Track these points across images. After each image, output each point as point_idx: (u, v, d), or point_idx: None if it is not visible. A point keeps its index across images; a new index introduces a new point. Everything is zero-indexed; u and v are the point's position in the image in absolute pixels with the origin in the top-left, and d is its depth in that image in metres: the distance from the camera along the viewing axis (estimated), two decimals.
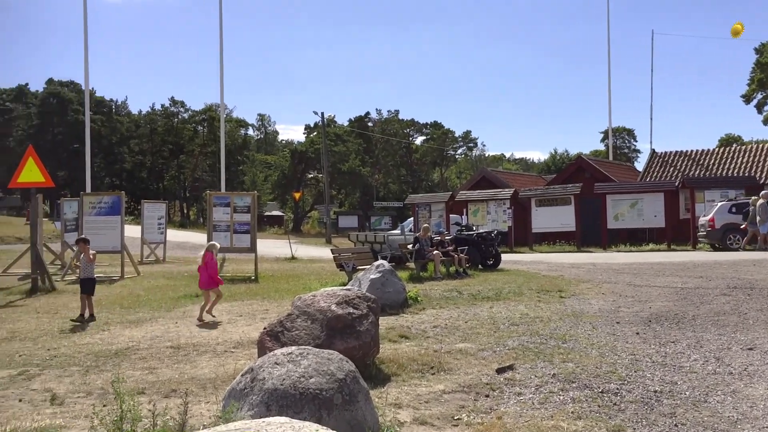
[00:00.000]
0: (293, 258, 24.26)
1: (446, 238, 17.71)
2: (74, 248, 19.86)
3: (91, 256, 11.66)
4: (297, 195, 51.80)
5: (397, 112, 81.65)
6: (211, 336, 9.28)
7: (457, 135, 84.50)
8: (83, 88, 34.79)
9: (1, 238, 31.92)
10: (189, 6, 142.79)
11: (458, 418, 5.39)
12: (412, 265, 17.00)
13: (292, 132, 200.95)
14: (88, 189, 22.86)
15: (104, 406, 5.90)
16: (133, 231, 26.61)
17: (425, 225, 18.31)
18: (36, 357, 8.23)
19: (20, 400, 6.24)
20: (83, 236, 13.06)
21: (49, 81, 72.18)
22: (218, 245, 12.45)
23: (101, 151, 68.74)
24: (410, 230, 23.77)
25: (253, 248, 17.79)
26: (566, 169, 37.20)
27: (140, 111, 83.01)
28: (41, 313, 12.16)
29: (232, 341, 8.86)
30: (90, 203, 18.67)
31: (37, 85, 74.44)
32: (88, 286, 11.32)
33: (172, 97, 79.28)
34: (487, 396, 6.01)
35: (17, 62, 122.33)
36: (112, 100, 79.83)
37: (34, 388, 6.68)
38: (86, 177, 24.12)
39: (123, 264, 17.96)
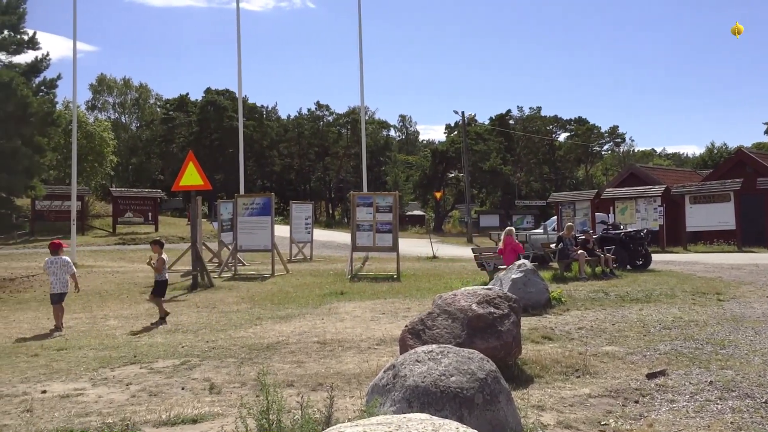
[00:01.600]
0: (434, 257, 24.40)
1: (592, 237, 17.12)
2: (229, 247, 21.13)
3: (164, 259, 11.92)
4: (438, 194, 52.01)
5: (539, 108, 79.84)
6: (355, 333, 9.54)
7: (603, 130, 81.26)
8: (237, 96, 36.80)
9: (166, 238, 34.41)
10: (332, 12, 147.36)
11: (605, 424, 5.20)
12: (555, 264, 16.59)
13: (432, 132, 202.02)
14: (242, 191, 24.16)
15: (257, 396, 6.24)
16: (282, 231, 27.85)
17: (569, 224, 17.81)
18: (196, 348, 8.84)
19: (183, 388, 6.72)
20: (158, 239, 13.30)
21: (207, 90, 77.03)
22: (514, 229, 15.50)
23: (253, 155, 72.50)
24: (553, 229, 23.18)
25: (395, 247, 18.09)
26: (724, 164, 34.81)
27: (288, 116, 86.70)
28: (201, 307, 13.03)
29: (375, 338, 9.07)
30: (243, 204, 19.74)
31: (196, 95, 79.63)
32: (160, 288, 11.72)
33: (318, 102, 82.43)
34: (637, 402, 5.76)
35: (179, 74, 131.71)
36: (263, 107, 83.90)
37: (194, 378, 7.17)
38: (240, 179, 25.52)
39: (273, 262, 18.84)
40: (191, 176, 16.72)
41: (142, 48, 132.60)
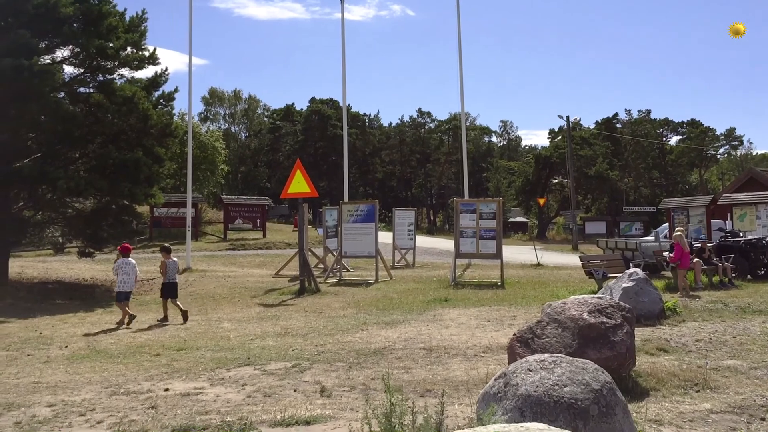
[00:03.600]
0: (539, 265, 23.97)
1: (708, 245, 16.32)
2: (334, 253, 21.56)
3: (172, 262, 13.12)
4: (541, 201, 51.04)
5: (648, 111, 76.98)
6: (461, 340, 9.52)
7: (718, 133, 77.47)
8: (341, 105, 37.50)
9: (273, 244, 35.56)
10: (432, 19, 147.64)
11: None
12: (668, 273, 15.92)
13: (535, 137, 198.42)
14: (346, 198, 24.61)
15: (366, 400, 6.35)
16: (385, 237, 28.17)
17: (677, 230, 17.03)
18: (306, 352, 9.08)
19: (295, 390, 6.93)
20: (166, 245, 14.25)
21: (312, 100, 79.11)
22: (684, 233, 15.36)
23: (356, 163, 73.75)
24: (665, 236, 22.26)
25: (498, 254, 17.92)
26: None
27: (390, 123, 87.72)
28: (308, 312, 13.37)
29: (481, 346, 9.02)
30: (348, 211, 20.11)
31: (301, 104, 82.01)
32: (167, 290, 12.97)
33: (419, 109, 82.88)
34: (763, 419, 5.46)
35: (285, 85, 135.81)
36: (365, 115, 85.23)
37: (305, 380, 7.38)
38: (344, 187, 26.00)
39: (377, 268, 19.08)
40: (299, 184, 17.21)
41: (250, 60, 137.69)
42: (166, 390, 7.12)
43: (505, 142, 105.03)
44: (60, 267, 22.87)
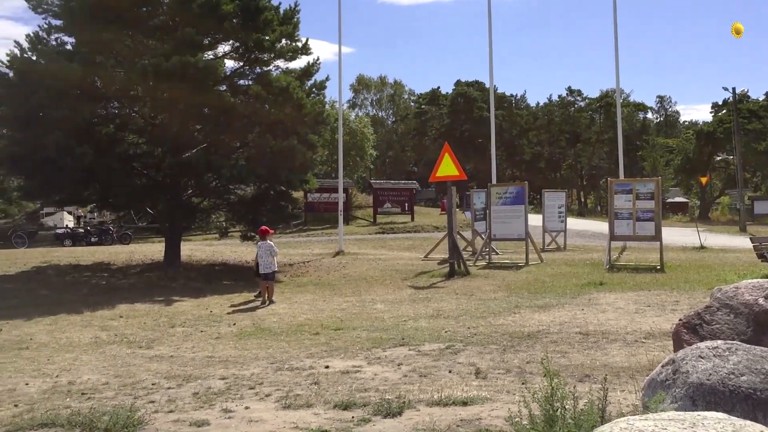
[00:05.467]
0: (702, 247, 22.51)
1: None
2: (483, 236, 21.43)
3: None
4: (704, 179, 47.84)
5: None
6: (619, 325, 9.17)
7: None
8: (487, 86, 37.00)
9: (421, 227, 35.93)
10: None
11: None
12: None
13: (695, 112, 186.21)
14: (494, 180, 24.34)
15: (522, 383, 6.30)
16: (534, 220, 27.59)
17: None
18: (459, 334, 9.13)
19: (450, 371, 6.99)
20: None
21: (457, 83, 78.74)
22: None
23: (502, 144, 72.66)
24: None
25: (657, 236, 17.01)
26: None
27: (537, 103, 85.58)
28: (459, 294, 13.41)
29: (642, 331, 8.64)
30: (497, 194, 19.88)
31: (447, 88, 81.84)
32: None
33: (569, 87, 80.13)
34: None
35: (430, 69, 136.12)
36: (512, 95, 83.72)
37: (460, 362, 7.42)
38: (492, 169, 25.73)
39: (527, 251, 18.75)
40: (447, 167, 17.24)
41: (394, 46, 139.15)
42: (327, 367, 7.43)
43: (661, 119, 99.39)
44: (224, 250, 24.43)
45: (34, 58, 17.03)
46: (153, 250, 24.26)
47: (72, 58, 16.69)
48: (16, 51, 16.94)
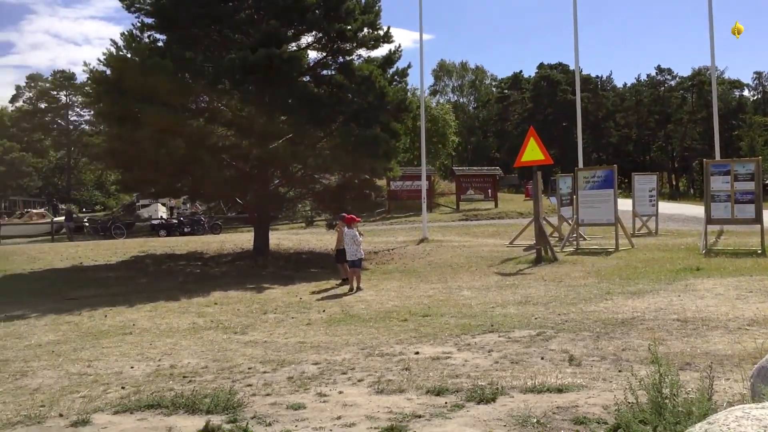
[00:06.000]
0: None
1: None
2: (569, 222, 20.98)
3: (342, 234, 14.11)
4: None
5: None
6: (720, 311, 8.80)
7: None
8: (571, 68, 36.02)
9: (505, 213, 35.52)
10: None
11: None
12: None
13: None
14: (580, 164, 23.75)
15: (619, 371, 6.14)
16: (623, 204, 26.78)
17: None
18: (549, 320, 8.98)
19: (542, 358, 6.89)
20: (342, 214, 15.06)
21: (540, 66, 77.28)
22: None
23: (588, 128, 70.71)
24: None
25: (758, 219, 16.20)
26: None
27: (624, 84, 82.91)
28: (547, 280, 13.19)
29: (745, 318, 8.27)
30: (584, 178, 19.40)
31: (529, 71, 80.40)
32: (342, 255, 13.99)
33: (658, 66, 77.22)
34: None
35: (512, 53, 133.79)
36: (597, 77, 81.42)
37: (552, 349, 7.30)
38: (578, 153, 25.11)
39: (617, 236, 18.23)
40: (533, 151, 16.94)
41: (475, 31, 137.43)
42: (417, 353, 7.46)
43: (759, 96, 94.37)
44: (311, 238, 24.88)
45: (129, 55, 17.76)
46: (242, 239, 24.98)
47: (164, 55, 17.29)
48: (113, 49, 17.73)
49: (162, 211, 43.42)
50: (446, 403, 5.42)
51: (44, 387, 6.64)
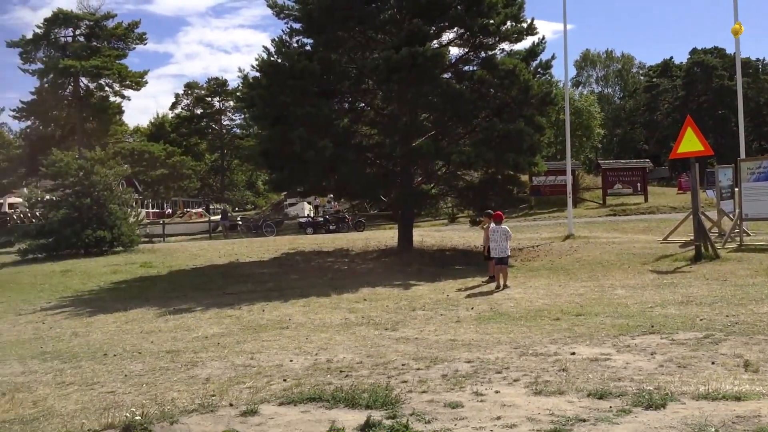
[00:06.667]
0: None
1: None
2: (731, 216, 19.55)
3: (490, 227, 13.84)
4: None
5: None
6: None
7: None
8: (728, 52, 33.60)
9: (657, 208, 33.70)
10: None
11: None
12: None
13: None
14: (742, 154, 22.05)
15: None
16: None
17: None
18: (716, 322, 8.40)
19: (712, 363, 6.45)
20: (488, 211, 14.97)
21: (693, 51, 72.65)
22: None
23: (748, 115, 65.79)
24: None
25: None
26: None
27: None
28: (710, 279, 12.37)
29: None
30: (748, 169, 17.99)
31: (680, 57, 75.85)
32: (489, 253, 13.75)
33: None
34: None
35: (661, 39, 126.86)
36: (757, 60, 75.45)
37: (723, 353, 6.81)
38: (740, 142, 23.33)
39: None
40: (690, 142, 15.93)
41: (619, 18, 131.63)
42: (573, 354, 7.22)
43: None
44: (453, 235, 24.86)
45: (279, 60, 18.53)
46: (386, 236, 25.39)
47: (311, 58, 17.90)
48: (264, 55, 18.61)
49: (308, 210, 45.05)
50: (611, 407, 5.18)
51: (213, 377, 7.05)
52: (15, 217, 40.51)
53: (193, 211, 52.27)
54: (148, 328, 10.63)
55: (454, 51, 20.53)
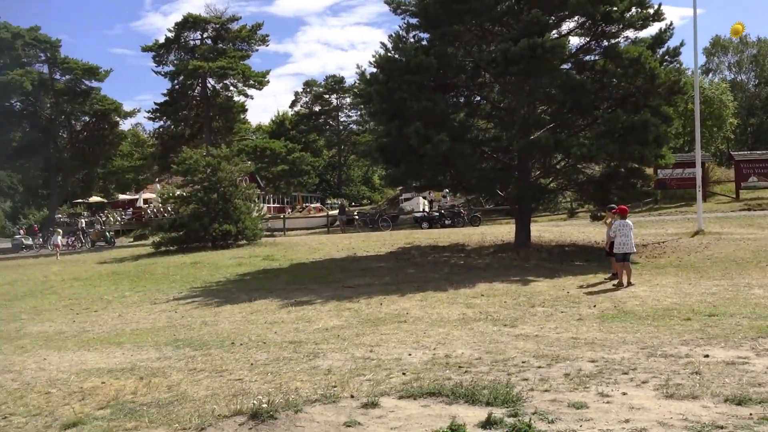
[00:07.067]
0: None
1: None
2: None
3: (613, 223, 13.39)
4: None
5: None
6: None
7: None
8: None
9: None
10: None
11: None
12: None
13: None
14: None
15: None
16: None
17: None
18: None
19: None
20: (611, 205, 14.50)
21: None
22: None
23: None
24: None
25: None
26: None
27: None
28: None
29: None
30: None
31: None
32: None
33: None
34: None
35: None
36: None
37: None
38: None
39: None
40: None
41: (753, 1, 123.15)
42: (706, 356, 6.83)
43: None
44: (572, 231, 24.15)
45: (396, 56, 18.63)
46: (502, 231, 25.03)
47: (428, 53, 17.88)
48: (381, 51, 18.79)
49: (423, 204, 45.16)
50: (751, 414, 4.86)
51: (334, 368, 7.19)
52: (149, 212, 43.18)
53: (312, 205, 53.65)
54: (272, 318, 11.00)
55: (574, 41, 19.92)
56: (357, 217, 39.12)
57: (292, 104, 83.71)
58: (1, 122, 49.60)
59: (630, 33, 18.81)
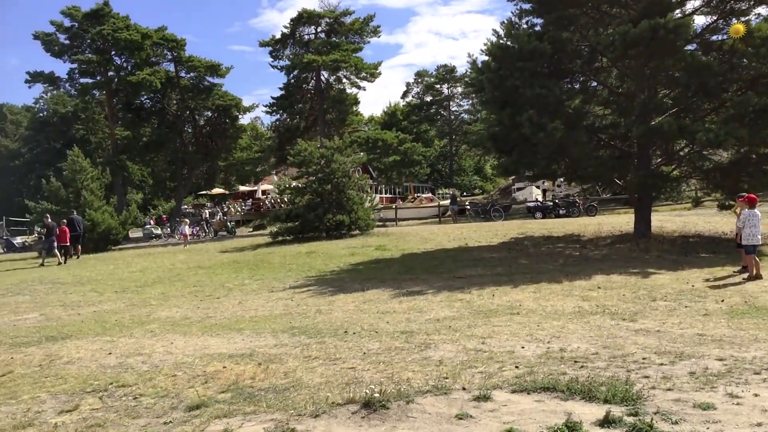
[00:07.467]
0: None
1: None
2: None
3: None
4: None
5: None
6: None
7: None
8: None
9: None
10: None
11: None
12: None
13: None
14: None
15: None
16: None
17: None
18: None
19: None
20: (743, 193, 13.43)
21: None
22: None
23: None
24: None
25: None
26: None
27: None
28: None
29: None
30: None
31: None
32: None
33: None
34: None
35: None
36: None
37: None
38: None
39: None
40: None
41: None
42: None
43: None
44: (697, 221, 22.94)
45: (508, 43, 18.29)
46: (620, 221, 24.13)
47: (541, 38, 17.43)
48: (493, 38, 18.51)
49: (536, 194, 44.26)
50: None
51: (446, 360, 7.15)
52: (267, 203, 44.72)
53: (423, 195, 53.75)
54: (384, 308, 11.10)
55: (700, 20, 18.85)
56: (468, 207, 38.89)
57: (404, 95, 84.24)
58: (133, 119, 52.91)
59: (762, 9, 17.60)
